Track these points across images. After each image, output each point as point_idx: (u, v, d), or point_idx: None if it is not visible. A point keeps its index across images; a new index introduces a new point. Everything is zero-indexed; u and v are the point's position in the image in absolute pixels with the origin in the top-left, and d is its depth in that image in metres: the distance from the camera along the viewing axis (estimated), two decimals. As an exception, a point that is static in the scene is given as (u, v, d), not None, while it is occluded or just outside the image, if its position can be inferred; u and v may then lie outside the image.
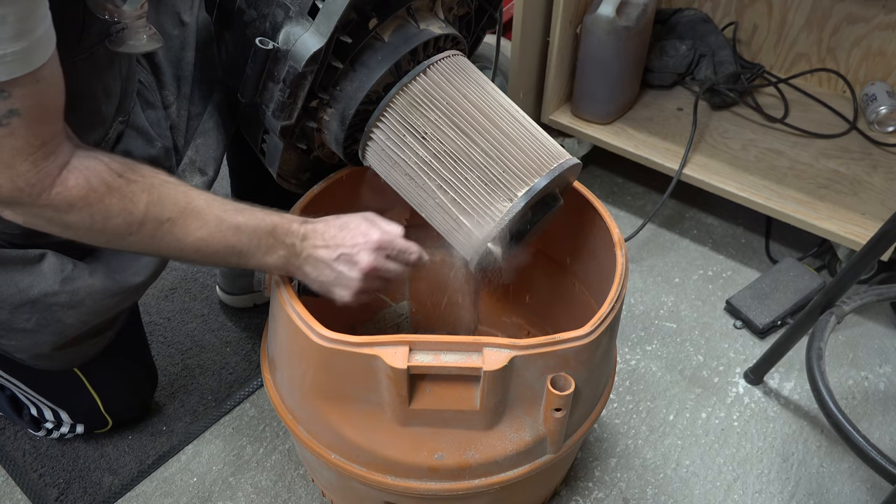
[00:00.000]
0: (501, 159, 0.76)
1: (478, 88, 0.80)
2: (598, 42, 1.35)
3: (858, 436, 0.90)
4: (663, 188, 1.41)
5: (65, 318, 0.80)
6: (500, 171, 0.76)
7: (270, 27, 0.75)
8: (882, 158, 1.39)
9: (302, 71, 0.73)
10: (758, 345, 1.25)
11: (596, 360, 0.78)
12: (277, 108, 0.77)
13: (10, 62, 0.54)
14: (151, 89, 0.89)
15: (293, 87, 0.75)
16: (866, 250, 0.94)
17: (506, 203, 0.76)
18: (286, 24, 0.74)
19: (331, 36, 0.72)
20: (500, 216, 0.76)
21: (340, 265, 0.74)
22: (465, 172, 0.77)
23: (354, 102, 0.79)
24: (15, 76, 0.56)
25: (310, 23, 0.73)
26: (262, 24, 0.76)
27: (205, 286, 1.32)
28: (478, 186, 0.76)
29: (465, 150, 0.77)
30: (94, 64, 0.72)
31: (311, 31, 0.72)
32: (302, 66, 0.73)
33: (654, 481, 1.06)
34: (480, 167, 0.76)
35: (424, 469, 0.77)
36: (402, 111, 0.79)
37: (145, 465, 1.05)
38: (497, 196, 0.76)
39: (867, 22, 1.43)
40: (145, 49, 0.69)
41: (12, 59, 0.54)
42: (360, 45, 0.76)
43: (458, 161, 0.77)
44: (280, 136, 0.81)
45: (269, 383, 0.87)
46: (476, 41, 0.99)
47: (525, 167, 0.76)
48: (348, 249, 0.74)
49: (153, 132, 0.87)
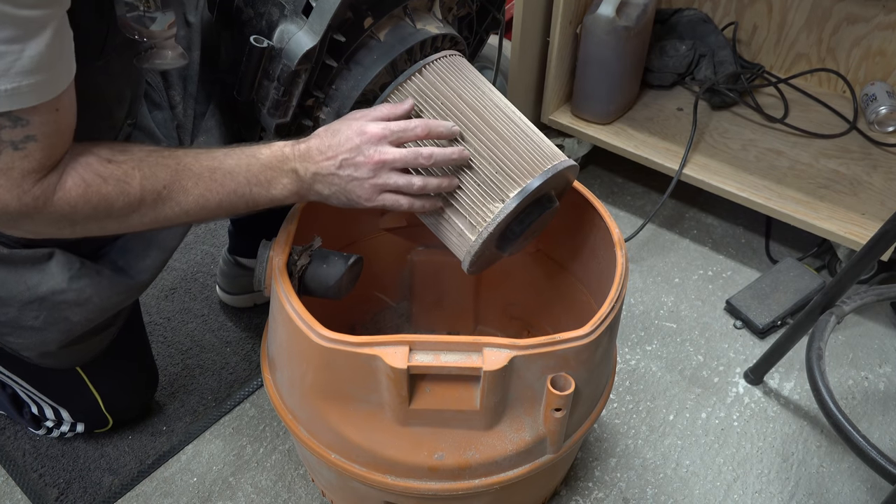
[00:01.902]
0: (494, 160, 0.76)
1: (473, 88, 0.80)
2: (598, 42, 1.35)
3: (858, 436, 0.90)
4: (663, 188, 1.41)
5: (72, 316, 0.81)
6: (493, 171, 0.75)
7: (266, 25, 0.75)
8: (882, 158, 1.39)
9: (295, 69, 0.73)
10: (758, 345, 1.25)
11: (596, 360, 0.78)
12: (272, 106, 0.78)
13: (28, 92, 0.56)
14: (158, 90, 0.90)
15: (288, 86, 0.75)
16: (866, 250, 0.94)
17: (498, 204, 0.75)
18: (281, 22, 0.74)
19: (324, 34, 0.72)
20: (492, 217, 0.75)
21: (346, 170, 0.73)
22: (458, 172, 0.77)
23: (350, 101, 0.79)
24: (34, 104, 0.57)
25: (304, 21, 0.73)
26: (258, 23, 0.76)
27: (205, 286, 1.32)
28: (470, 187, 0.76)
29: None
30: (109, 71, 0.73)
31: (304, 30, 0.72)
32: (295, 65, 0.73)
33: (654, 481, 1.06)
34: (473, 168, 0.76)
35: (424, 469, 0.77)
36: None
37: (145, 465, 1.05)
38: (489, 197, 0.76)
39: (867, 22, 1.43)
40: (171, 66, 0.71)
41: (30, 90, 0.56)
42: (356, 44, 0.76)
43: None
44: (275, 133, 0.81)
45: (269, 383, 0.87)
46: (479, 43, 0.99)
47: (518, 168, 0.76)
48: (347, 153, 0.72)
49: (159, 133, 0.88)
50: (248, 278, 1.25)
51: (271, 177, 0.73)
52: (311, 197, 0.76)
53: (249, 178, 0.72)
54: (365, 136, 0.72)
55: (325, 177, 0.73)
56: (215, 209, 0.72)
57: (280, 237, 0.81)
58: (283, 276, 0.77)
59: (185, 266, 1.36)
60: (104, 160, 0.66)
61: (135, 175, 0.67)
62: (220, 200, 0.71)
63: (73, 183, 0.64)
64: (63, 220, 0.65)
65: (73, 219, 0.66)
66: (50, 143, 0.61)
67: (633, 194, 1.57)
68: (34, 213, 0.63)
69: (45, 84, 0.57)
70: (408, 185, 0.74)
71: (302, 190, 0.74)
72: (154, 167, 0.68)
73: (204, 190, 0.70)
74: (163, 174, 0.68)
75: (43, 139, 0.60)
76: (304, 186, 0.74)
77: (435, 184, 0.75)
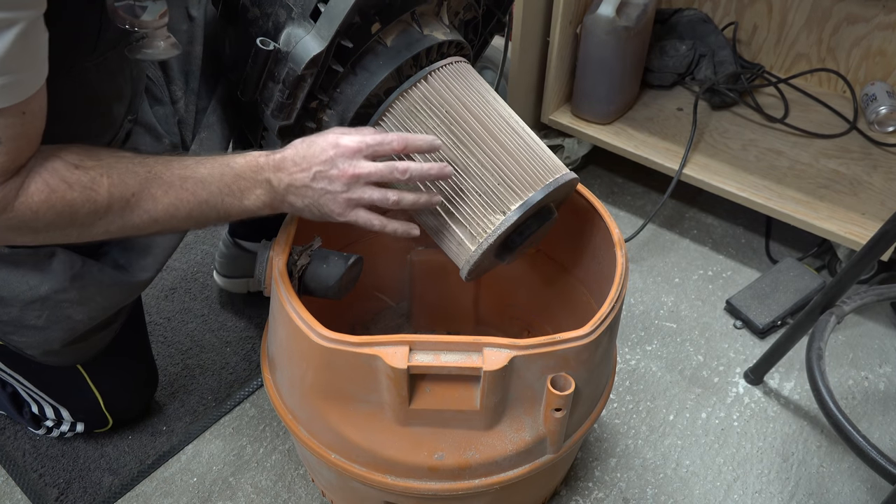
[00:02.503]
0: (497, 171, 0.76)
1: (478, 97, 0.79)
2: (598, 42, 1.35)
3: (858, 436, 0.90)
4: (663, 188, 1.41)
5: (74, 315, 0.81)
6: (495, 182, 0.75)
7: (273, 27, 0.75)
8: (882, 158, 1.39)
9: (301, 73, 0.73)
10: (758, 345, 1.25)
11: (596, 360, 0.78)
12: (276, 108, 0.77)
13: None
14: (160, 85, 0.89)
15: (293, 89, 0.75)
16: (866, 250, 0.94)
17: (499, 216, 0.75)
18: (288, 24, 0.74)
19: (332, 40, 0.71)
20: (493, 229, 0.75)
21: (320, 182, 0.71)
22: (461, 182, 0.76)
23: (354, 105, 0.78)
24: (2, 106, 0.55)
25: (311, 25, 0.72)
26: (264, 23, 0.76)
27: (205, 286, 1.32)
28: (472, 197, 0.76)
29: (461, 159, 0.76)
30: (107, 68, 0.72)
31: (312, 34, 0.72)
32: (301, 69, 0.72)
33: (654, 481, 1.06)
34: (475, 178, 0.76)
35: (424, 469, 0.77)
36: (400, 117, 0.78)
37: (145, 465, 1.05)
38: (491, 208, 0.76)
39: (867, 22, 1.43)
40: (163, 57, 0.69)
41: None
42: (362, 49, 0.76)
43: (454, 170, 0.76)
44: (278, 135, 0.81)
45: (269, 383, 0.87)
46: (483, 45, 0.99)
47: (521, 180, 0.76)
48: (321, 165, 0.71)
49: (161, 128, 0.87)
50: (245, 260, 1.25)
51: (244, 187, 0.72)
52: (283, 208, 0.74)
53: (222, 187, 0.71)
54: (339, 149, 0.71)
55: (299, 189, 0.72)
56: (185, 219, 0.70)
57: (280, 237, 0.81)
58: (283, 276, 0.77)
59: (185, 266, 1.36)
60: (71, 165, 0.64)
61: (102, 182, 0.65)
62: (190, 210, 0.70)
63: (37, 188, 0.62)
64: (24, 226, 0.63)
65: (34, 226, 0.64)
66: (15, 146, 0.59)
67: (633, 194, 1.57)
68: None
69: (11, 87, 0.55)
70: (382, 200, 0.72)
71: (275, 202, 0.73)
72: (123, 174, 0.66)
73: (174, 199, 0.68)
74: (132, 181, 0.67)
75: (7, 142, 0.58)
76: (278, 198, 0.73)
77: (411, 199, 0.74)
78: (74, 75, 0.61)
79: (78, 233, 0.67)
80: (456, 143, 0.77)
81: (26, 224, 0.63)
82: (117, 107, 0.78)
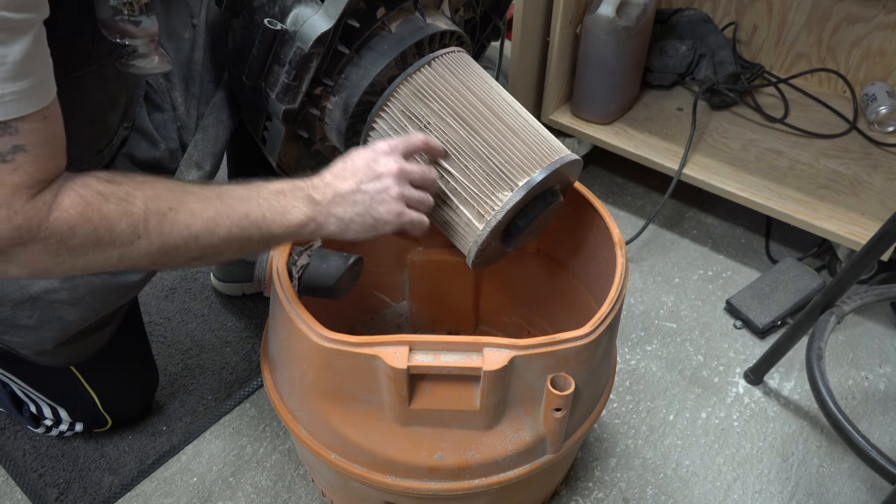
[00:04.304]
0: (503, 150, 0.76)
1: (481, 82, 0.81)
2: (598, 42, 1.35)
3: (858, 436, 0.90)
4: (663, 188, 1.41)
5: (66, 315, 0.81)
6: (502, 161, 0.76)
7: (279, 11, 0.76)
8: (882, 158, 1.39)
9: (308, 52, 0.74)
10: (758, 345, 1.25)
11: (596, 360, 0.78)
12: (282, 91, 0.78)
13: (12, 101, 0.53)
14: (161, 91, 0.90)
15: (299, 70, 0.76)
16: (866, 250, 0.94)
17: (507, 193, 0.76)
18: (295, 6, 0.75)
19: (339, 18, 0.73)
20: (501, 205, 0.76)
21: (370, 184, 0.70)
22: (467, 162, 0.77)
23: (358, 91, 0.79)
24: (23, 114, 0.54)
25: (319, 5, 0.74)
26: (271, 9, 0.77)
27: (205, 286, 1.32)
28: (479, 176, 0.77)
29: (467, 140, 0.77)
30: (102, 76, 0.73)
31: (320, 13, 0.73)
32: (309, 47, 0.73)
33: (654, 481, 1.06)
34: (482, 157, 0.77)
35: (424, 469, 0.77)
36: (405, 101, 0.79)
37: (145, 465, 1.05)
38: (498, 186, 0.76)
39: (867, 22, 1.43)
40: (155, 71, 0.69)
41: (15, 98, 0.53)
42: (367, 33, 0.77)
43: (459, 151, 0.77)
44: (283, 120, 0.81)
45: (269, 383, 0.87)
46: (480, 50, 0.99)
47: (527, 159, 0.77)
48: (365, 169, 0.71)
49: (157, 134, 0.87)
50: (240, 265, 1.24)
51: (284, 203, 0.68)
52: (328, 224, 0.71)
53: (261, 202, 0.67)
54: (377, 152, 0.72)
55: (346, 196, 0.70)
56: (226, 237, 0.65)
57: (280, 237, 0.81)
58: (283, 276, 0.77)
59: (185, 266, 1.36)
60: (103, 180, 0.61)
61: (137, 195, 0.61)
62: (230, 225, 0.65)
63: (71, 202, 0.58)
64: (61, 246, 0.59)
65: (71, 244, 0.59)
66: (42, 153, 0.56)
67: (634, 194, 1.57)
68: (27, 239, 0.57)
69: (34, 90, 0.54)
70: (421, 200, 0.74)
71: (319, 216, 0.70)
72: (158, 188, 0.63)
73: (213, 213, 0.64)
74: (167, 195, 0.63)
75: (33, 149, 0.55)
76: (322, 211, 0.70)
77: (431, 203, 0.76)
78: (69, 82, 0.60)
79: (118, 254, 0.62)
80: (462, 124, 0.78)
81: (63, 243, 0.59)
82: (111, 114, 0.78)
